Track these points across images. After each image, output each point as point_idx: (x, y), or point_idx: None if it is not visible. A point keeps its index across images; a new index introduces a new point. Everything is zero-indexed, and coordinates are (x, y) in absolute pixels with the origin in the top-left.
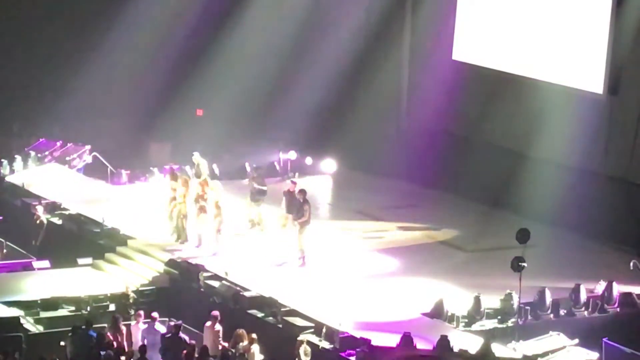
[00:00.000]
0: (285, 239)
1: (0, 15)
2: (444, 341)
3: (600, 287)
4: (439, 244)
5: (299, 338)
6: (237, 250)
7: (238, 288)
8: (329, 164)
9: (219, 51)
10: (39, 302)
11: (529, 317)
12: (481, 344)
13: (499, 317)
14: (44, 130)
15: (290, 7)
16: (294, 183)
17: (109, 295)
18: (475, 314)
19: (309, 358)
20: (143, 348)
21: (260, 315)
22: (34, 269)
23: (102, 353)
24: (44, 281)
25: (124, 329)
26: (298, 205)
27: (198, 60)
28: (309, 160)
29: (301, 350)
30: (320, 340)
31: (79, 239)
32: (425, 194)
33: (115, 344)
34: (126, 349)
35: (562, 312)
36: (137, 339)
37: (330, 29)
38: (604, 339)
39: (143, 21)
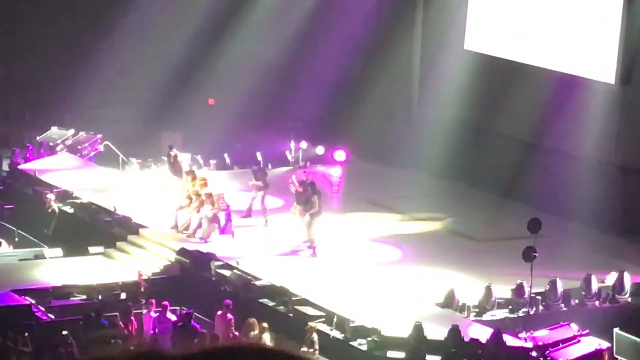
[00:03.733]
0: (291, 228)
1: (12, 7)
2: (454, 331)
3: (611, 277)
4: (450, 234)
5: (309, 324)
6: (248, 240)
7: (249, 277)
8: (341, 154)
9: (231, 40)
10: (50, 290)
11: (540, 307)
12: (491, 334)
13: (510, 307)
14: (56, 119)
15: None
16: (306, 173)
17: (120, 283)
18: (486, 304)
19: (317, 346)
20: (154, 337)
21: (271, 304)
22: (45, 258)
23: (113, 342)
24: (55, 270)
25: (133, 319)
26: (307, 196)
27: (210, 49)
28: (320, 150)
29: (310, 338)
30: (331, 330)
31: (91, 228)
32: (437, 184)
33: (125, 332)
34: (135, 338)
35: (573, 302)
36: (148, 328)
37: (342, 18)
38: (615, 329)
39: (155, 10)
